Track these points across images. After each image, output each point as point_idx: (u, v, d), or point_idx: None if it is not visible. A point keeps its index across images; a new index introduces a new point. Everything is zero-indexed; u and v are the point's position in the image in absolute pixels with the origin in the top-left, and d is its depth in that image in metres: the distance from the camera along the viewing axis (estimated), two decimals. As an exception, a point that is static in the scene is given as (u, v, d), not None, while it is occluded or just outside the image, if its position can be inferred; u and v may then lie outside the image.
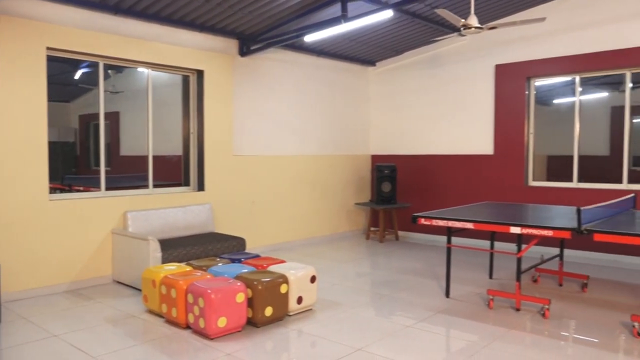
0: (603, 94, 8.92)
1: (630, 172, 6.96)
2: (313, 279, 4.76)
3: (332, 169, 8.74)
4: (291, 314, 4.64)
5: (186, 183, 6.92)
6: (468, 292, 5.37)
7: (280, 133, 7.86)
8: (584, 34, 7.07)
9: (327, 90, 8.63)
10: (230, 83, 7.07)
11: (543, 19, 5.35)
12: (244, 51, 7.19)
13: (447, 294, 5.20)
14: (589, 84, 7.42)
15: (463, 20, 5.17)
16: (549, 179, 7.74)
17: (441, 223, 4.89)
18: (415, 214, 5.11)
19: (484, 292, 5.36)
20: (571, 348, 3.84)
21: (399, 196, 9.05)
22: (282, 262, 5.07)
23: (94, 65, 5.93)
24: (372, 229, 9.17)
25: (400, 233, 9.02)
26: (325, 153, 8.61)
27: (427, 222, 5.02)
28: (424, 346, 3.89)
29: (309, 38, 6.54)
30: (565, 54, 7.25)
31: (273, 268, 4.78)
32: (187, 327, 4.32)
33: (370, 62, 9.29)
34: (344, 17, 5.95)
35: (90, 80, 5.98)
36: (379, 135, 9.42)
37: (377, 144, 9.46)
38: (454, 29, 7.41)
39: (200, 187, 6.86)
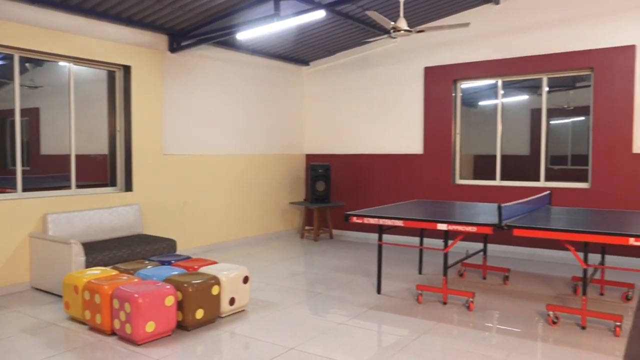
0: (524, 97, 9.44)
1: (547, 170, 7.43)
2: (246, 280, 4.70)
3: (267, 168, 8.69)
4: (223, 315, 4.56)
5: (112, 183, 6.62)
6: (399, 288, 5.51)
7: (213, 132, 7.71)
8: (506, 40, 7.46)
9: (261, 89, 8.57)
10: (159, 80, 6.84)
11: (467, 24, 5.59)
12: (174, 47, 6.98)
13: (379, 291, 5.31)
14: (511, 87, 7.84)
15: (393, 23, 5.30)
16: (475, 178, 8.10)
17: (372, 221, 4.99)
18: (348, 213, 5.18)
19: (414, 287, 5.52)
20: (495, 338, 4.04)
21: (333, 195, 9.15)
22: (214, 263, 4.97)
23: (8, 58, 5.54)
24: (306, 228, 9.21)
25: (334, 231, 9.12)
26: (259, 152, 8.54)
27: (359, 220, 5.10)
28: (356, 342, 3.95)
29: (242, 36, 6.46)
30: (488, 58, 7.61)
31: (204, 270, 4.67)
32: (113, 333, 4.13)
33: (304, 62, 9.31)
34: (276, 15, 5.93)
35: (5, 73, 5.58)
36: (313, 135, 9.47)
37: (311, 143, 9.50)
38: (385, 31, 7.58)
39: (128, 187, 6.59)
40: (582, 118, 7.15)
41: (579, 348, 3.82)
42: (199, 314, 4.21)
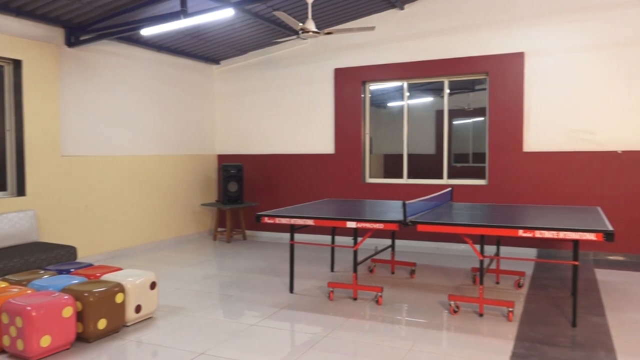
0: (428, 99, 9.89)
1: (451, 168, 7.86)
2: (153, 285, 4.52)
3: (176, 169, 8.42)
4: (129, 324, 4.36)
5: (2, 188, 6.09)
6: (311, 286, 5.57)
7: (118, 132, 7.34)
8: (411, 44, 7.80)
9: (169, 88, 8.28)
10: (55, 75, 6.39)
11: (373, 28, 5.78)
12: (71, 41, 6.55)
13: (291, 290, 5.34)
14: (417, 90, 8.21)
15: (301, 24, 5.34)
16: (386, 176, 8.39)
17: (284, 221, 5.00)
18: (259, 213, 5.16)
19: (326, 285, 5.61)
20: (402, 330, 4.20)
21: (246, 196, 9.06)
22: (119, 269, 4.73)
23: None
24: (219, 229, 9.04)
25: (247, 232, 9.03)
26: (168, 153, 8.25)
27: (271, 221, 5.09)
28: (268, 343, 3.94)
29: (147, 32, 6.20)
30: (395, 61, 7.91)
31: (108, 277, 4.43)
32: (2, 351, 3.80)
33: (215, 61, 9.14)
34: (183, 12, 5.76)
35: None
36: (225, 135, 9.31)
37: (223, 143, 9.34)
38: (295, 32, 7.63)
39: (21, 191, 6.09)
40: (481, 119, 7.64)
41: (477, 334, 4.08)
42: (102, 324, 3.99)
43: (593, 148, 6.80)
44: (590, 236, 3.86)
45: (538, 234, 4.01)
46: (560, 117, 6.95)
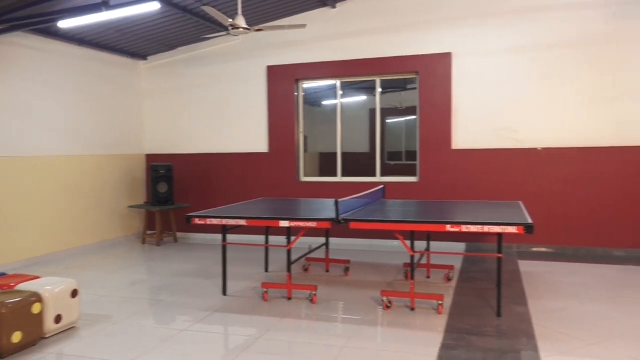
0: (362, 98, 10.00)
1: (384, 166, 7.99)
2: (75, 294, 4.26)
3: (101, 170, 8.00)
4: (48, 336, 4.07)
5: None
6: (245, 288, 5.47)
7: (34, 131, 6.86)
8: (343, 43, 7.85)
9: (92, 85, 7.85)
10: (-39, 70, 5.87)
11: (304, 26, 5.75)
12: (-20, 33, 6.05)
13: (224, 292, 5.21)
14: (351, 88, 8.28)
15: (231, 20, 5.22)
16: (322, 175, 8.40)
17: (215, 222, 4.87)
18: (189, 214, 4.99)
19: (260, 286, 5.52)
20: (336, 327, 4.20)
21: (176, 197, 8.77)
22: (36, 278, 4.41)
23: None
24: (148, 232, 8.69)
25: (179, 234, 8.75)
26: (91, 153, 7.83)
27: (202, 222, 4.94)
28: (200, 348, 3.81)
29: (65, 24, 5.84)
30: (328, 60, 7.93)
31: (23, 286, 4.12)
32: None
33: (141, 56, 8.77)
34: (105, 4, 5.46)
35: None
36: (153, 134, 8.97)
37: (152, 142, 8.99)
38: (225, 28, 7.46)
39: None
40: (414, 117, 7.82)
41: (409, 328, 4.15)
42: (16, 337, 3.70)
43: (516, 145, 7.14)
44: (512, 229, 4.04)
45: (464, 228, 4.14)
46: (486, 116, 7.25)
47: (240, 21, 5.26)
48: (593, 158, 6.84)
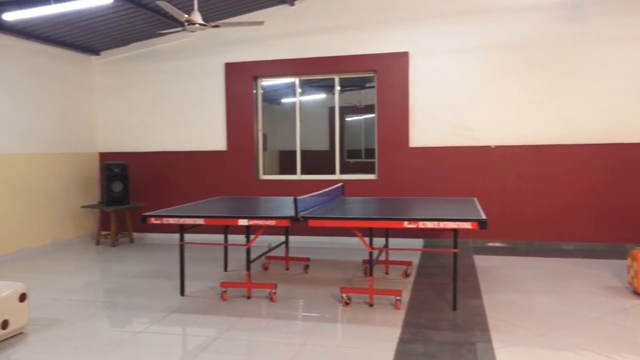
0: (321, 96, 10.01)
1: (344, 164, 8.04)
2: (23, 297, 4.09)
3: (51, 169, 7.71)
4: (-6, 342, 3.89)
5: None
6: (203, 288, 5.39)
7: (-22, 128, 6.54)
8: (301, 40, 7.84)
9: (41, 80, 7.54)
10: None
11: (262, 23, 5.71)
12: None
13: (182, 292, 5.12)
14: (311, 86, 8.29)
15: (186, 15, 5.13)
16: (282, 173, 8.37)
17: (172, 221, 4.78)
18: (145, 214, 4.88)
19: (218, 285, 5.45)
20: (297, 325, 4.20)
21: (132, 196, 8.54)
22: (-20, 282, 4.21)
23: None
24: (102, 232, 8.43)
25: (135, 235, 8.53)
26: (40, 151, 7.53)
27: (158, 221, 4.84)
28: (157, 349, 3.73)
29: (10, 17, 5.58)
30: (286, 57, 7.90)
31: (-34, 291, 3.92)
32: None
33: (94, 51, 8.49)
34: (54, -4, 5.26)
35: None
36: (107, 132, 8.71)
37: (105, 140, 8.73)
38: (180, 24, 7.32)
39: None
40: (372, 115, 7.89)
41: (368, 324, 4.20)
42: (-41, 345, 3.52)
43: (471, 143, 7.32)
44: (467, 225, 4.14)
45: (421, 224, 4.22)
46: (442, 114, 7.40)
47: (196, 17, 5.17)
48: (544, 155, 7.09)
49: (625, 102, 6.81)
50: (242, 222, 4.62)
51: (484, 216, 4.29)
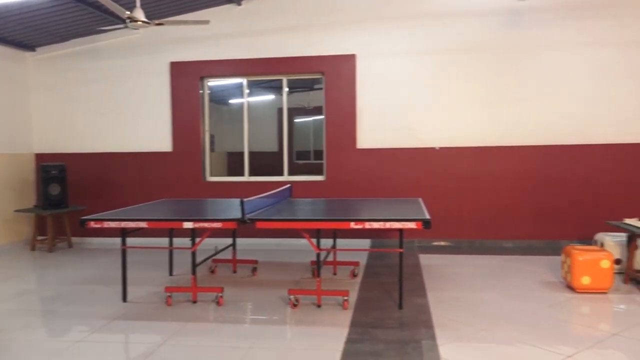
0: (270, 97, 9.95)
1: (292, 165, 8.03)
2: (-52, 309, 3.82)
3: (-18, 171, 7.26)
4: None
5: None
6: (147, 293, 5.23)
7: None
8: (249, 40, 7.76)
9: (-31, 76, 7.10)
10: None
11: (207, 22, 5.62)
12: None
13: (124, 299, 4.95)
14: (259, 87, 8.22)
15: (128, 12, 4.97)
16: (230, 174, 8.25)
17: (113, 225, 4.61)
18: (84, 217, 4.68)
19: (163, 290, 5.31)
20: (242, 328, 4.15)
21: (71, 199, 8.17)
22: None
23: None
24: (39, 238, 8.02)
25: (74, 239, 8.16)
26: (-30, 152, 7.08)
27: (98, 225, 4.65)
28: (97, 358, 3.58)
29: None
30: (233, 58, 7.81)
31: None
32: None
33: (29, 47, 8.08)
34: (-17, -12, 4.96)
35: None
36: (44, 132, 8.30)
37: (42, 141, 8.31)
38: (122, 21, 7.08)
39: None
40: (321, 117, 7.92)
41: (315, 325, 4.21)
42: None
43: (416, 145, 7.49)
44: (412, 225, 4.23)
45: (367, 225, 4.27)
46: (388, 116, 7.52)
47: (139, 14, 5.02)
48: (485, 157, 7.36)
49: (562, 105, 7.17)
50: (187, 224, 4.52)
51: (428, 216, 4.39)
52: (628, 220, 5.46)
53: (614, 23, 7.01)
